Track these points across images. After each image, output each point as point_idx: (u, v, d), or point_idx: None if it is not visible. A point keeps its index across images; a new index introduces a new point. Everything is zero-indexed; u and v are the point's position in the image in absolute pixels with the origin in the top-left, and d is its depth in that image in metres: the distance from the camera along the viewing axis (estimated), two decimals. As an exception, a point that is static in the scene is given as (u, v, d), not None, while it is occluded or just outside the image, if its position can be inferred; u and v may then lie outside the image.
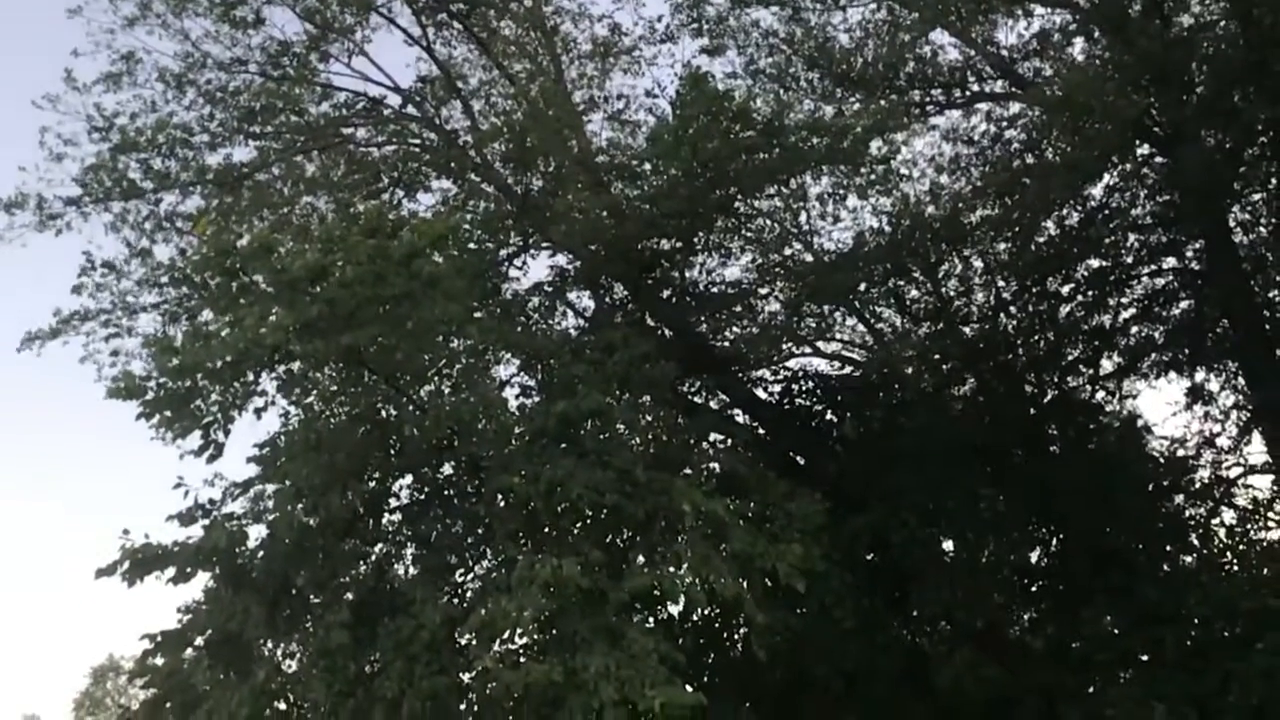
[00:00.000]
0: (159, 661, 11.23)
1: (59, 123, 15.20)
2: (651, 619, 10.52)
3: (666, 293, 15.57)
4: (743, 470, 12.34)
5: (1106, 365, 16.70)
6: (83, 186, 15.34)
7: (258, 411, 11.12)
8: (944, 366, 16.29)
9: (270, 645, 11.03)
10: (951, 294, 16.95)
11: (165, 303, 16.05)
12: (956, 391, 16.47)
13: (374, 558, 11.70)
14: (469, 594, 11.28)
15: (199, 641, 10.88)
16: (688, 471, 12.00)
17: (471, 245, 14.91)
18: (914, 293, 17.04)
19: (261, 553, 10.66)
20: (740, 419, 15.49)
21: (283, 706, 11.04)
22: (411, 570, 11.79)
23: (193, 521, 10.77)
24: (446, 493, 11.78)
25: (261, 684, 10.04)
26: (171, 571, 10.30)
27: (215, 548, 10.16)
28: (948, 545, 14.25)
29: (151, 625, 11.03)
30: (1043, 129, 15.69)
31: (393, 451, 11.78)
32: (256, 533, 11.06)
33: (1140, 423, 16.26)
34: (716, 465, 13.06)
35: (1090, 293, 16.31)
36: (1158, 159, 15.04)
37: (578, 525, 10.82)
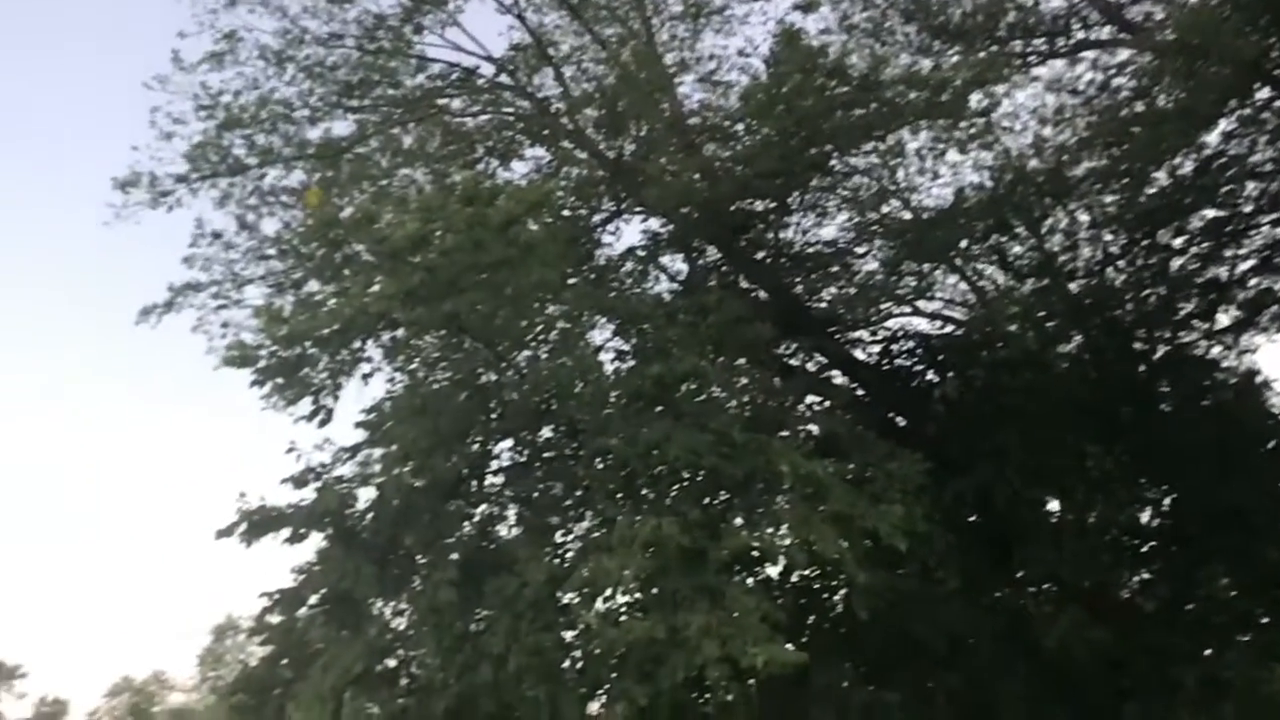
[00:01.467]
0: (275, 620, 11.73)
1: (168, 102, 15.72)
2: (751, 579, 10.57)
3: (761, 254, 15.45)
4: (841, 431, 12.24)
5: (1223, 319, 15.98)
6: (191, 163, 15.87)
7: (365, 378, 11.47)
8: (1049, 324, 15.83)
9: (380, 603, 11.43)
10: (1056, 249, 16.42)
11: (272, 274, 16.56)
12: (1062, 349, 15.98)
13: (477, 518, 12.00)
14: (570, 553, 11.48)
15: (313, 600, 11.33)
16: (785, 433, 11.96)
17: (565, 212, 15.02)
18: (1017, 249, 16.55)
19: (371, 514, 11.02)
20: (838, 380, 15.33)
21: (393, 663, 11.46)
22: (514, 530, 12.07)
23: (305, 484, 11.19)
24: (546, 455, 11.97)
25: (373, 640, 10.41)
26: (286, 532, 10.74)
27: (327, 509, 10.55)
28: (1054, 505, 13.92)
29: (268, 585, 11.53)
30: (1154, 75, 15.00)
31: (493, 415, 12.02)
32: (366, 495, 11.46)
33: (1259, 378, 15.56)
34: (814, 427, 12.99)
35: (1205, 244, 15.61)
36: (1278, 102, 14.30)
37: (675, 486, 10.89)
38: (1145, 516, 14.30)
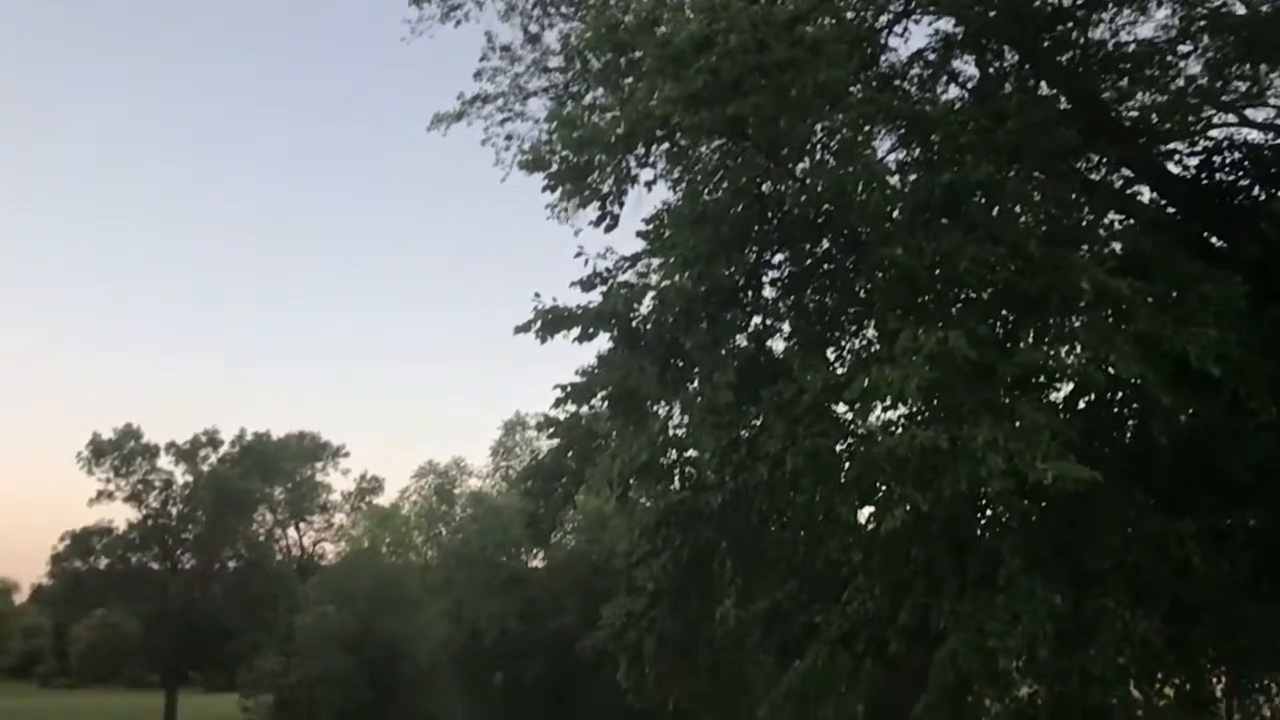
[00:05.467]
0: (563, 416, 12.58)
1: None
2: (1039, 400, 10.17)
3: (1065, 56, 14.07)
4: (1148, 250, 11.29)
5: None
6: (477, -29, 16.20)
7: (648, 184, 11.68)
8: None
9: (661, 405, 11.98)
10: None
11: (554, 87, 16.94)
12: None
13: (753, 329, 12.19)
14: (845, 366, 11.49)
15: (599, 396, 12.01)
16: (1084, 250, 11.18)
17: (848, 14, 14.23)
18: (1382, 44, 14.17)
19: (653, 318, 11.41)
20: (1146, 196, 14.03)
21: (670, 460, 12.09)
22: (789, 344, 12.17)
23: (592, 288, 11.72)
24: (825, 266, 11.84)
25: (655, 435, 10.98)
26: (576, 331, 11.37)
27: (613, 311, 11.04)
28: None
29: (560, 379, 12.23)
30: None
31: (771, 225, 11.96)
32: (648, 301, 11.85)
33: None
34: (1117, 246, 12.06)
35: None
36: None
37: (961, 301, 10.53)
38: None
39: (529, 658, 44.89)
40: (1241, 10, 14.57)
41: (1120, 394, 11.16)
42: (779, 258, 12.29)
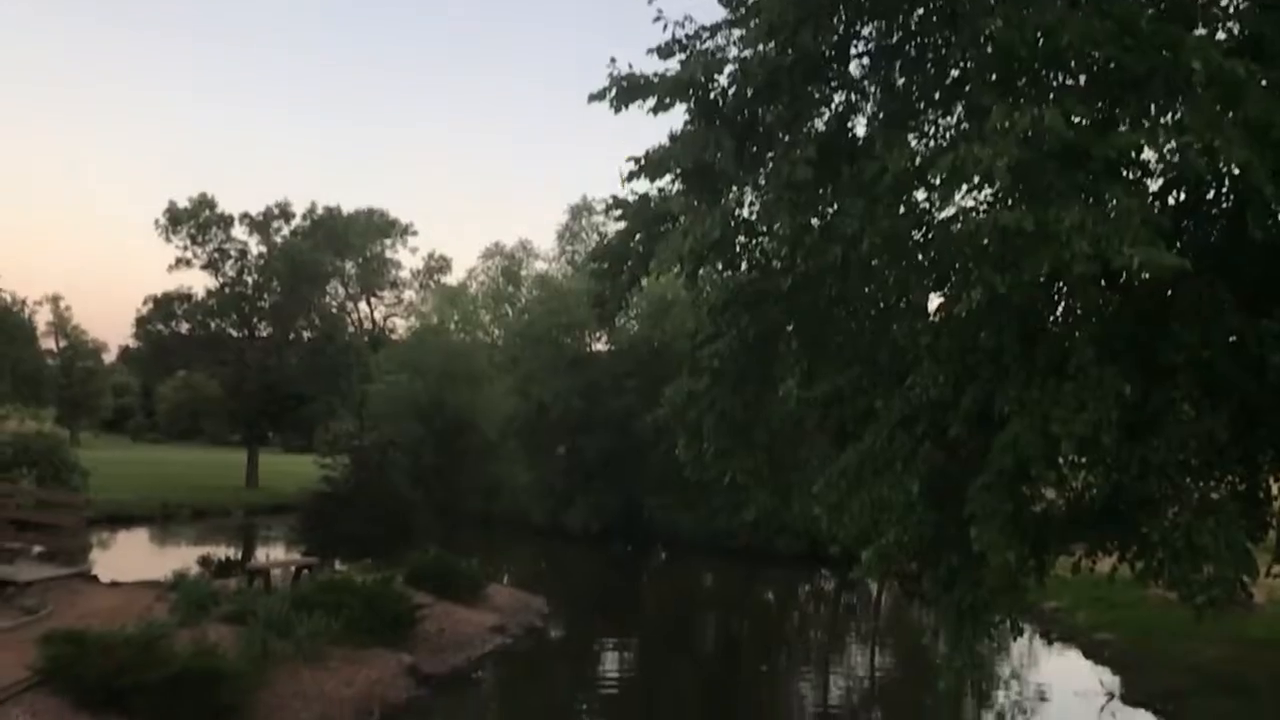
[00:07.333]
0: (630, 198, 12.41)
1: None
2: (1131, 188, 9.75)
3: None
4: (1268, 32, 10.48)
5: None
6: None
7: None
8: None
9: (734, 188, 11.73)
10: None
11: None
12: None
13: (837, 106, 11.74)
14: (932, 146, 11.08)
15: (671, 176, 11.76)
16: (1200, 31, 10.42)
17: None
18: None
19: (732, 89, 11.02)
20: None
21: (743, 239, 11.95)
22: (873, 125, 11.71)
23: (670, 55, 11.28)
24: (917, 40, 11.23)
25: (729, 211, 10.81)
26: (651, 102, 11.02)
27: (692, 79, 10.65)
28: None
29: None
30: None
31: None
32: (727, 72, 11.39)
33: None
34: (1235, 26, 11.21)
35: None
36: None
37: (1058, 79, 9.98)
38: None
39: (591, 432, 46.62)
40: None
41: (1215, 190, 10.70)
42: (868, 30, 11.67)
